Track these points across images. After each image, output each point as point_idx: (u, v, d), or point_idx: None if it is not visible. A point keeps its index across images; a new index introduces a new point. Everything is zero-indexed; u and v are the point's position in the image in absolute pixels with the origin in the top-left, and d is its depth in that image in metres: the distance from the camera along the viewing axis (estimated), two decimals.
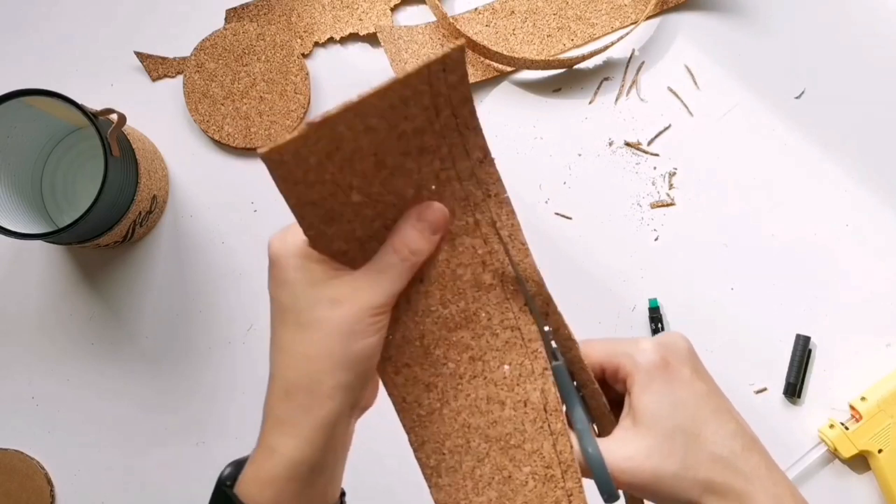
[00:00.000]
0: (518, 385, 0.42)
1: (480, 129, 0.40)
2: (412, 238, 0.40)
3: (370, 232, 0.41)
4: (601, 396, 0.43)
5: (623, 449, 0.41)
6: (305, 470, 0.39)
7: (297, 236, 0.40)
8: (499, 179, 0.41)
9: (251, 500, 0.40)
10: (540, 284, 0.42)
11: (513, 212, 0.42)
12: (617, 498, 0.41)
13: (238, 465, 0.42)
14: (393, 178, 0.40)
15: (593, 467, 0.41)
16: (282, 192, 0.39)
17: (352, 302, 0.39)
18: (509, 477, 0.42)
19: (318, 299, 0.39)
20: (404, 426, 0.43)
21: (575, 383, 0.43)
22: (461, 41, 0.37)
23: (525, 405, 0.42)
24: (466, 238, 0.42)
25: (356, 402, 0.41)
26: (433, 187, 0.41)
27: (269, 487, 0.39)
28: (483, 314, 0.42)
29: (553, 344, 0.43)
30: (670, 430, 0.41)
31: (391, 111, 0.38)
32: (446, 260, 0.42)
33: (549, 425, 0.42)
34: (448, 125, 0.39)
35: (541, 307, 0.43)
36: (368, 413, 0.44)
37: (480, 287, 0.42)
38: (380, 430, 0.47)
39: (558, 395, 0.42)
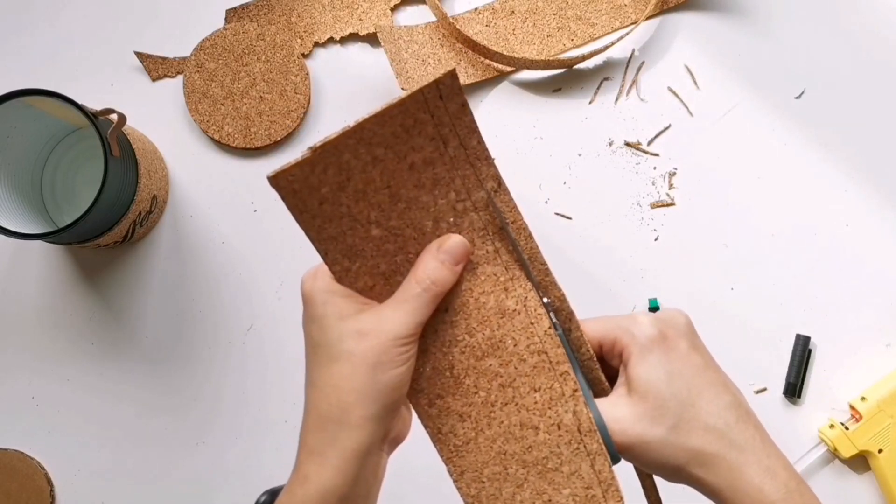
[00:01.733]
0: (550, 409, 0.43)
1: (491, 159, 0.41)
2: (433, 268, 0.41)
3: (393, 266, 0.42)
4: (598, 370, 0.44)
5: (613, 411, 0.42)
6: (336, 500, 0.40)
7: (327, 273, 0.42)
8: (515, 207, 0.42)
9: None
10: (563, 300, 0.43)
11: (531, 236, 0.43)
12: (618, 460, 0.42)
13: (273, 494, 0.43)
14: (410, 211, 0.41)
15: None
16: (300, 225, 0.40)
17: (377, 334, 0.40)
18: (549, 501, 0.43)
19: (346, 333, 0.40)
20: (442, 457, 0.44)
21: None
22: (452, 67, 0.38)
23: (559, 428, 0.43)
24: (488, 266, 0.43)
25: (386, 434, 0.42)
26: (451, 219, 0.42)
27: None
28: (509, 340, 0.43)
29: (552, 317, 0.43)
30: (663, 398, 0.41)
31: (395, 140, 0.39)
32: (469, 289, 0.43)
33: (584, 446, 0.42)
34: (458, 156, 0.41)
35: (563, 323, 0.44)
36: (401, 448, 0.44)
37: (504, 314, 0.43)
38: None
39: (590, 415, 0.42)
